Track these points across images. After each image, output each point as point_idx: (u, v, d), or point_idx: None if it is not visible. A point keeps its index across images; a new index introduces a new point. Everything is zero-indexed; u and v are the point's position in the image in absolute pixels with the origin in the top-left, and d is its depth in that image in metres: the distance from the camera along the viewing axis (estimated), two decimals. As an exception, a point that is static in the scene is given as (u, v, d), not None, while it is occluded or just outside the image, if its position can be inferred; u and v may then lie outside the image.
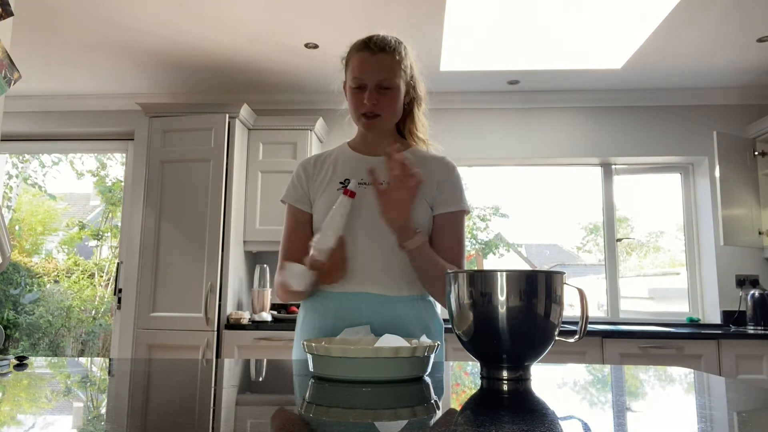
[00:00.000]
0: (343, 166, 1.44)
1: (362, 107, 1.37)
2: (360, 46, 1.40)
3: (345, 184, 1.38)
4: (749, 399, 0.84)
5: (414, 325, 1.33)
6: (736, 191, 3.49)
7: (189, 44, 3.27)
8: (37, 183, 6.61)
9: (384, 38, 1.39)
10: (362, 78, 1.36)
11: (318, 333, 1.35)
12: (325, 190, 1.40)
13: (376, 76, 1.36)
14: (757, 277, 3.69)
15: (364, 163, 1.42)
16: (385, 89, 1.36)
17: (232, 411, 0.75)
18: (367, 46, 1.38)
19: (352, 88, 1.38)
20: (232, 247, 3.41)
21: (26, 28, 3.08)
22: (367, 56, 1.37)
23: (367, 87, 1.36)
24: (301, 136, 3.65)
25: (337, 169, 1.43)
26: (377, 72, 1.36)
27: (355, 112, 1.40)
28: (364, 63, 1.37)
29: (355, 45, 1.42)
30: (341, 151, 1.49)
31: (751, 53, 3.28)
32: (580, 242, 4.67)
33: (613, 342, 3.13)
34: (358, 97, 1.38)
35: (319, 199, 1.40)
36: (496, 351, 0.97)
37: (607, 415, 0.75)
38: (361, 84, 1.37)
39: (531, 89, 3.90)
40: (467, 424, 0.66)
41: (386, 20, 2.94)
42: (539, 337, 0.96)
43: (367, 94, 1.35)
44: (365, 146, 1.47)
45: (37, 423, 0.66)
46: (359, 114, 1.39)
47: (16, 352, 5.84)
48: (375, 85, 1.36)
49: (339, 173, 1.42)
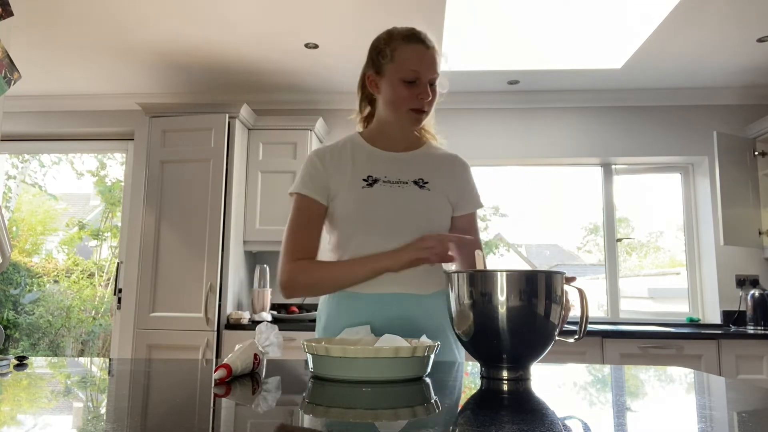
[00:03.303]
0: (363, 161, 1.38)
1: (414, 102, 1.32)
2: (410, 37, 1.33)
3: (369, 181, 1.34)
4: (749, 399, 0.84)
5: (441, 318, 1.30)
6: (736, 191, 3.49)
7: (189, 44, 3.27)
8: (37, 183, 6.61)
9: (426, 33, 1.35)
10: (420, 71, 1.31)
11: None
12: (349, 187, 1.34)
13: (432, 70, 1.32)
14: (757, 277, 3.69)
15: (386, 159, 1.39)
16: (430, 85, 1.33)
17: (232, 411, 0.75)
18: (419, 39, 1.33)
19: (404, 81, 1.31)
20: (232, 247, 3.41)
21: (26, 28, 3.08)
22: (423, 49, 1.32)
23: (421, 81, 1.31)
24: (301, 136, 3.65)
25: (357, 164, 1.37)
26: (433, 67, 1.32)
27: (401, 105, 1.33)
28: (422, 56, 1.31)
29: (399, 35, 1.34)
30: (355, 143, 1.42)
31: (751, 53, 3.28)
32: (580, 242, 4.67)
33: (613, 342, 3.13)
34: (409, 91, 1.31)
35: (342, 194, 1.34)
36: (496, 351, 0.97)
37: (607, 415, 0.75)
38: (417, 77, 1.31)
39: (531, 89, 3.90)
40: (467, 424, 0.66)
41: (386, 20, 2.93)
42: (539, 337, 0.96)
43: (422, 89, 1.31)
44: (384, 140, 1.41)
45: (37, 423, 0.66)
46: (407, 108, 1.33)
47: (16, 352, 5.84)
48: (428, 80, 1.32)
49: (360, 169, 1.37)
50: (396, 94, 1.33)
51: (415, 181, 1.37)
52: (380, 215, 1.32)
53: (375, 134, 1.43)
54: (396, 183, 1.35)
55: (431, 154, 1.44)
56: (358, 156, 1.40)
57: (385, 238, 1.30)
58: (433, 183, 1.38)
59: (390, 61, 1.33)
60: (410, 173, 1.38)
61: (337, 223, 1.35)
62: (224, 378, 0.91)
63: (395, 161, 1.39)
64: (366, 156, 1.40)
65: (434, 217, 1.35)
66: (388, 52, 1.34)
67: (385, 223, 1.31)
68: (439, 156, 1.44)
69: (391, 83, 1.33)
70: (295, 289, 1.32)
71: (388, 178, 1.35)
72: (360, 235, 1.33)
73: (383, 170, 1.37)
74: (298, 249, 1.33)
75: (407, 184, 1.35)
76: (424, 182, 1.37)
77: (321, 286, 1.34)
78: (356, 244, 1.33)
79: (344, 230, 1.34)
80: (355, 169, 1.37)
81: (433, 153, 1.45)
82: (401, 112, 1.34)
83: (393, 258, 1.27)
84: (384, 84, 1.35)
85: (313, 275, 1.32)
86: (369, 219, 1.32)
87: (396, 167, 1.38)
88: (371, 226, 1.32)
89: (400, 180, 1.36)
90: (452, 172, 1.42)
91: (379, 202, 1.33)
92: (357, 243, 1.33)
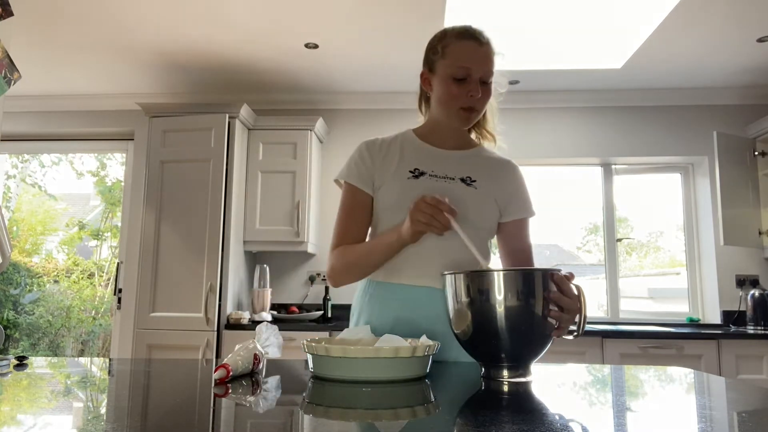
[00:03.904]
0: (411, 155, 1.37)
1: (464, 100, 1.29)
2: (463, 34, 1.31)
3: (415, 174, 1.33)
4: (749, 399, 0.84)
5: None
6: (736, 191, 3.49)
7: (189, 44, 3.27)
8: (37, 183, 6.61)
9: (481, 30, 1.33)
10: (470, 68, 1.28)
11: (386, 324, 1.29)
12: (394, 177, 1.33)
13: (483, 67, 1.30)
14: (757, 277, 3.69)
15: (434, 155, 1.38)
16: (484, 83, 1.31)
17: (232, 411, 0.75)
18: (472, 36, 1.30)
19: (454, 78, 1.29)
20: (232, 247, 3.41)
21: (26, 28, 3.08)
22: (475, 46, 1.29)
23: (472, 78, 1.29)
24: (301, 136, 3.65)
25: (405, 157, 1.36)
26: (485, 63, 1.30)
27: (451, 103, 1.30)
28: (474, 52, 1.29)
29: (452, 32, 1.32)
30: (406, 138, 1.41)
31: (751, 53, 3.28)
32: (580, 242, 4.67)
33: (613, 342, 3.13)
34: (459, 89, 1.28)
35: (387, 184, 1.34)
36: (495, 350, 0.97)
37: (607, 415, 0.75)
38: (468, 74, 1.28)
39: (531, 89, 3.90)
40: (467, 424, 0.66)
41: (386, 20, 2.94)
42: (538, 336, 0.96)
43: (472, 87, 1.28)
44: (436, 137, 1.40)
45: (37, 423, 0.66)
46: (457, 107, 1.30)
47: (16, 352, 5.84)
48: (480, 78, 1.30)
49: (407, 161, 1.35)
50: (446, 92, 1.30)
51: (462, 179, 1.35)
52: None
53: (427, 131, 1.42)
54: (442, 178, 1.33)
55: (482, 156, 1.42)
56: (407, 150, 1.39)
57: (428, 235, 1.25)
58: (480, 183, 1.35)
59: (441, 58, 1.32)
60: (458, 171, 1.36)
61: (382, 213, 1.34)
62: (224, 378, 0.91)
63: (444, 158, 1.38)
64: (414, 150, 1.39)
65: (478, 214, 1.32)
66: (440, 48, 1.32)
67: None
68: (490, 158, 1.42)
69: (442, 80, 1.31)
70: (335, 275, 1.34)
71: (434, 173, 1.34)
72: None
73: (430, 165, 1.36)
74: (341, 237, 1.34)
75: (454, 180, 1.33)
76: (472, 180, 1.35)
77: (353, 267, 1.33)
78: None
79: (387, 220, 1.33)
80: (402, 161, 1.36)
81: (485, 155, 1.43)
82: (451, 111, 1.32)
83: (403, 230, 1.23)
84: (436, 81, 1.34)
85: (344, 259, 1.32)
86: None
87: (444, 164, 1.37)
88: None
89: (446, 176, 1.34)
90: (503, 176, 1.40)
91: (423, 193, 1.32)
92: None
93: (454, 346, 1.24)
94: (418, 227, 1.17)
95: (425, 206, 1.14)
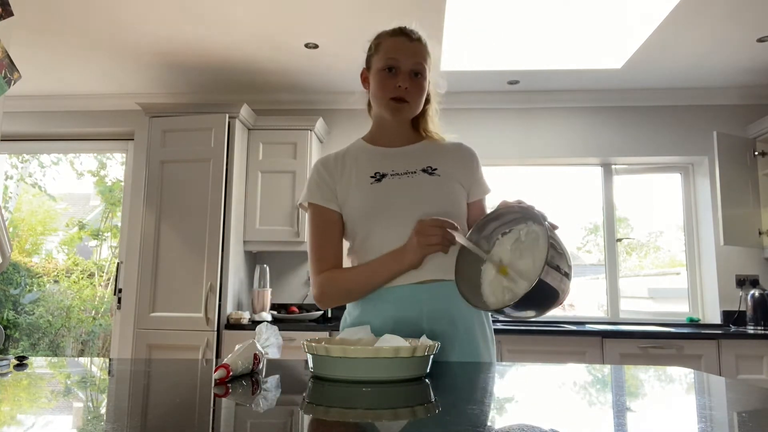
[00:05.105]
0: (366, 162, 1.38)
1: (393, 91, 1.33)
2: (395, 31, 1.38)
3: (376, 177, 1.34)
4: (749, 399, 0.84)
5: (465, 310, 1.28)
6: (736, 191, 3.49)
7: (189, 44, 3.27)
8: (37, 183, 6.61)
9: (416, 30, 1.39)
10: (397, 59, 1.33)
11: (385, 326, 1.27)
12: (357, 187, 1.34)
13: (411, 59, 1.34)
14: (757, 277, 3.69)
15: (389, 154, 1.39)
16: (416, 75, 1.34)
17: (232, 411, 0.75)
18: (403, 33, 1.37)
19: (383, 71, 1.34)
20: (232, 247, 3.41)
21: (26, 28, 3.08)
22: (404, 41, 1.36)
23: (400, 70, 1.33)
24: (301, 136, 3.65)
25: (361, 165, 1.38)
26: (413, 55, 1.34)
27: (383, 95, 1.34)
28: (401, 46, 1.35)
29: (387, 31, 1.40)
30: (357, 147, 1.43)
31: (751, 53, 3.28)
32: (580, 242, 4.67)
33: (613, 342, 3.13)
34: (388, 81, 1.33)
35: (352, 195, 1.34)
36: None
37: (607, 415, 0.75)
38: (395, 65, 1.33)
39: (531, 89, 3.90)
40: (467, 424, 0.66)
41: (386, 20, 2.93)
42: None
43: (401, 77, 1.33)
44: (384, 138, 1.42)
45: (37, 423, 0.66)
46: (388, 98, 1.33)
47: (16, 352, 5.84)
48: (409, 70, 1.33)
49: (365, 168, 1.37)
50: (377, 83, 1.35)
51: (424, 170, 1.36)
52: (396, 206, 1.30)
53: (375, 134, 1.44)
54: (404, 174, 1.34)
55: (436, 144, 1.44)
56: (361, 158, 1.40)
57: (407, 227, 1.26)
58: (442, 169, 1.37)
59: (375, 54, 1.38)
60: (417, 163, 1.37)
61: (356, 223, 1.34)
62: (224, 378, 0.91)
63: (399, 155, 1.39)
64: (368, 156, 1.40)
65: (449, 201, 1.33)
66: (374, 46, 1.40)
67: (402, 213, 1.29)
68: (444, 145, 1.44)
69: (375, 74, 1.36)
70: (327, 301, 1.35)
71: (395, 171, 1.35)
72: (379, 230, 1.30)
73: (389, 165, 1.37)
74: (323, 260, 1.34)
75: (416, 173, 1.34)
76: (433, 169, 1.36)
77: (351, 293, 1.34)
78: (378, 240, 1.30)
79: (362, 229, 1.33)
80: (360, 170, 1.36)
81: (437, 143, 1.44)
82: (383, 101, 1.35)
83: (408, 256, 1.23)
84: (371, 77, 1.39)
85: (340, 285, 1.33)
86: (384, 212, 1.31)
87: (401, 160, 1.38)
88: (389, 219, 1.30)
89: (407, 171, 1.35)
90: (460, 159, 1.42)
91: (391, 194, 1.32)
92: (378, 239, 1.30)
93: (454, 346, 1.24)
94: (430, 250, 1.20)
95: (433, 229, 1.17)
